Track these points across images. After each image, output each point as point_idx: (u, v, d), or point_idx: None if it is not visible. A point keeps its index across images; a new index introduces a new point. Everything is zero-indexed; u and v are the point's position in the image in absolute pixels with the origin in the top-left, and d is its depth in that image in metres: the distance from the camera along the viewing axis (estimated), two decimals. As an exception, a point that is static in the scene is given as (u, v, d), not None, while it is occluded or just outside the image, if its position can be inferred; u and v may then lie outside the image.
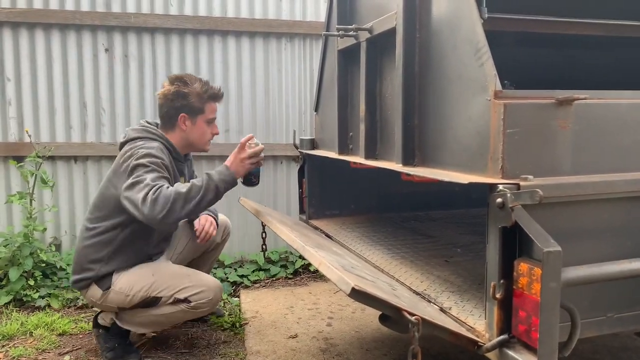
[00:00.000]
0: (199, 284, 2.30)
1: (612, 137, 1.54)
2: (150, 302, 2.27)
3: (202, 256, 2.79)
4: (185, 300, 2.26)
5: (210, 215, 2.66)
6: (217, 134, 2.50)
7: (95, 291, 2.31)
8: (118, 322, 2.38)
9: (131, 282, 2.28)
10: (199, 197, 2.06)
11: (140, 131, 2.33)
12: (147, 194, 2.02)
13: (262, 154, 2.25)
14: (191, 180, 2.13)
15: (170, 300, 2.27)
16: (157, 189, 2.03)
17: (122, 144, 2.32)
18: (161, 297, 2.26)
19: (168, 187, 2.05)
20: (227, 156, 2.20)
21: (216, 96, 2.43)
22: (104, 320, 2.43)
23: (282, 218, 2.64)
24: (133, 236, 2.29)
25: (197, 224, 2.62)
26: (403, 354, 2.41)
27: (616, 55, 2.75)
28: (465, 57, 1.58)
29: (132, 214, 2.08)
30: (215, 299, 2.33)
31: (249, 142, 2.23)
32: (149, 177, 2.08)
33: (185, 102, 2.34)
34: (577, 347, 1.42)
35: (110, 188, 2.26)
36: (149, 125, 2.39)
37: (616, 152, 1.55)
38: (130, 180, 2.09)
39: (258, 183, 2.41)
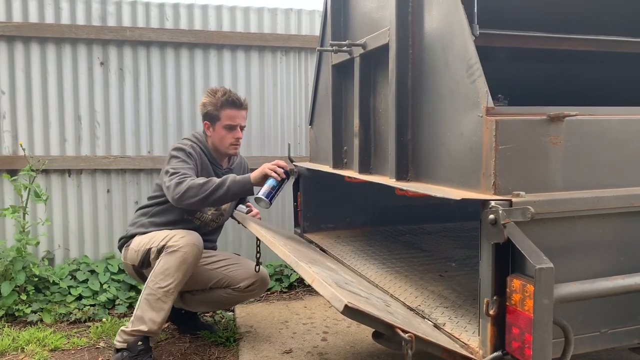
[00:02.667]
0: (179, 233, 2.49)
1: (604, 152, 1.55)
2: (146, 256, 2.52)
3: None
4: (164, 248, 2.44)
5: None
6: (239, 138, 2.71)
7: (123, 250, 2.70)
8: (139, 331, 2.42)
9: (139, 241, 2.59)
10: (210, 190, 2.38)
11: (190, 135, 2.76)
12: (173, 179, 2.43)
13: (283, 172, 2.49)
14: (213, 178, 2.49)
15: (155, 251, 2.47)
16: (185, 176, 2.44)
17: None
18: (150, 248, 2.50)
19: (192, 178, 2.44)
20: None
21: (230, 103, 2.64)
22: (119, 342, 2.45)
23: (276, 231, 2.63)
24: (161, 215, 2.65)
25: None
26: (398, 369, 2.40)
27: (608, 70, 2.78)
28: (457, 73, 1.59)
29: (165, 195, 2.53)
30: (189, 240, 2.43)
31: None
32: (176, 166, 2.50)
33: (205, 111, 2.68)
34: (572, 363, 1.42)
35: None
36: (200, 133, 2.77)
37: (608, 168, 1.56)
38: (165, 168, 2.54)
39: (268, 199, 2.45)
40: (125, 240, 2.71)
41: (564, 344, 1.39)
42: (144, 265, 2.57)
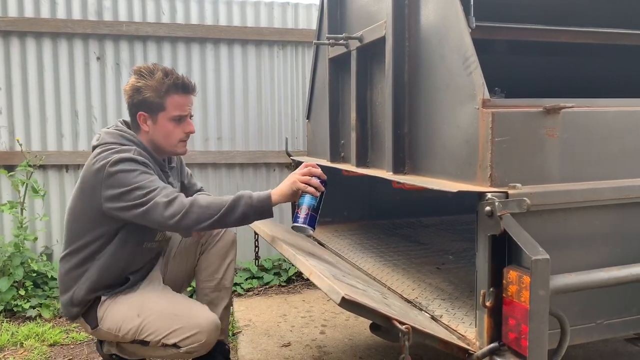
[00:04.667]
0: (189, 325, 1.89)
1: (600, 144, 1.56)
2: (141, 343, 1.96)
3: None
4: (174, 346, 1.90)
5: None
6: (191, 132, 2.03)
7: (85, 326, 2.03)
8: (119, 354, 2.08)
9: (117, 322, 1.95)
10: (217, 216, 1.77)
11: (115, 136, 1.94)
12: (156, 197, 1.77)
13: (320, 182, 1.90)
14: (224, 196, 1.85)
15: (160, 345, 1.91)
16: (171, 192, 1.80)
17: (95, 148, 1.95)
18: (149, 342, 1.92)
19: (183, 196, 1.82)
20: (221, 164, 2.09)
21: (179, 87, 1.96)
22: (109, 350, 2.12)
23: (274, 225, 2.63)
24: (115, 254, 1.94)
25: None
26: (396, 361, 2.41)
27: (607, 63, 2.77)
28: (453, 66, 1.59)
29: (138, 222, 1.83)
30: (208, 342, 1.90)
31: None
32: (142, 181, 1.80)
33: (141, 97, 1.93)
34: (568, 353, 1.42)
35: (82, 200, 1.91)
36: (126, 130, 2.00)
37: (604, 160, 1.56)
38: (120, 189, 1.79)
39: (312, 227, 1.87)
40: (85, 306, 1.98)
41: (560, 334, 1.39)
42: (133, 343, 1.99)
